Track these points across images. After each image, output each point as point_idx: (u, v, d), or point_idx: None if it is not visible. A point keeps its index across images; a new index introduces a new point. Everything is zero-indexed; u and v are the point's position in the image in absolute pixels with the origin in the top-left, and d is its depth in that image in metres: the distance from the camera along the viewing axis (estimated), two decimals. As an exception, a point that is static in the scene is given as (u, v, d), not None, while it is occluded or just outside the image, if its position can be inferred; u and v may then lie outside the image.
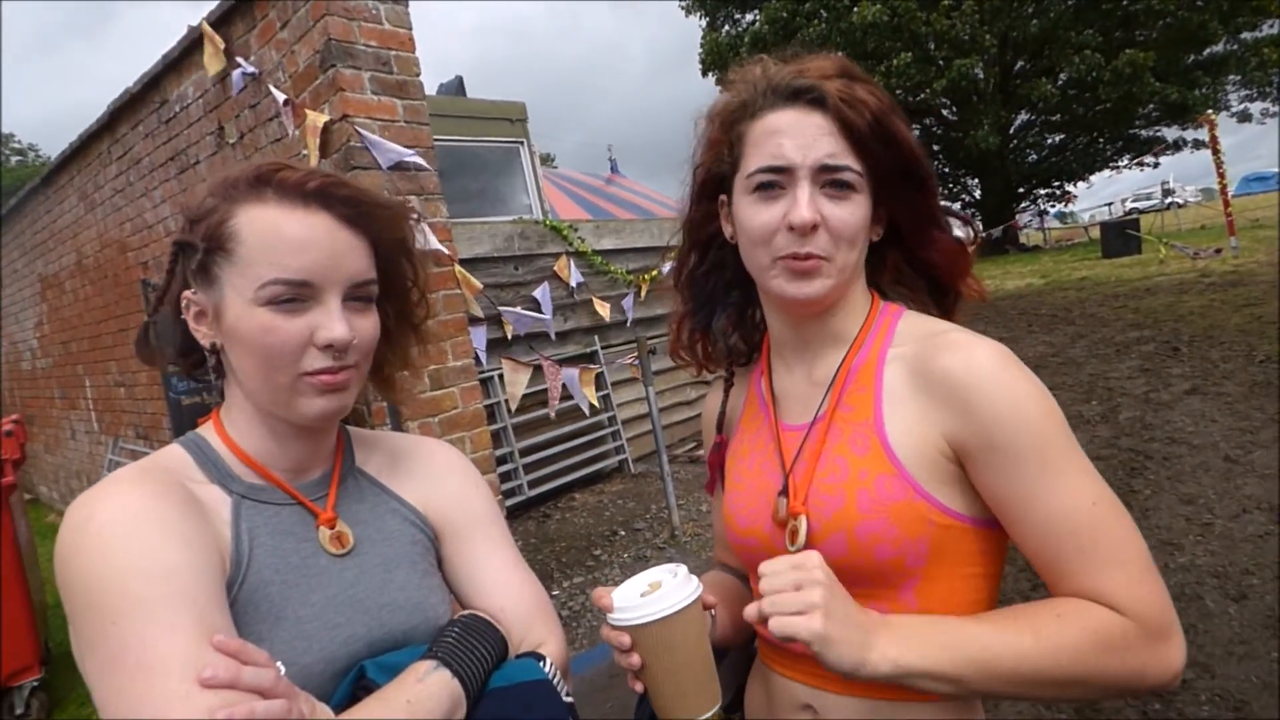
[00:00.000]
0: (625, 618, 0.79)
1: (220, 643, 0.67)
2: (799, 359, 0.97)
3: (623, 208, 10.20)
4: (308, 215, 0.80)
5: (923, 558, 0.83)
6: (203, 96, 3.94)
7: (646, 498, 5.93)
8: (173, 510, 0.75)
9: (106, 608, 0.67)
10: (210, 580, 0.73)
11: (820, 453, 0.89)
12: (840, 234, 0.85)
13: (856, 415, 0.88)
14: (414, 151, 3.24)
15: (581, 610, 4.02)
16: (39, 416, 8.42)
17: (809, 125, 0.85)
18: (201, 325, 0.84)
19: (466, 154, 7.27)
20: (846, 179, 0.85)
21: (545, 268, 6.27)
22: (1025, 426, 0.79)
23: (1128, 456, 4.69)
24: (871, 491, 0.83)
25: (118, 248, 5.34)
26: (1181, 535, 3.62)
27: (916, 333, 0.90)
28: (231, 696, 0.64)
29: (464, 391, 3.42)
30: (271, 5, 3.31)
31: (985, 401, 0.80)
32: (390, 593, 0.87)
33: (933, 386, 0.84)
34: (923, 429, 0.84)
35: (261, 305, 0.78)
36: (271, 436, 0.86)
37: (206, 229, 0.80)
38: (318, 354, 0.80)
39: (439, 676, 0.78)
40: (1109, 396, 5.98)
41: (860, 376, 0.91)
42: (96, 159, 5.38)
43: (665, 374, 7.41)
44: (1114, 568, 0.76)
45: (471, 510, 0.99)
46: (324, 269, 0.80)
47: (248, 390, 0.84)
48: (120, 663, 0.65)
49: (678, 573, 0.81)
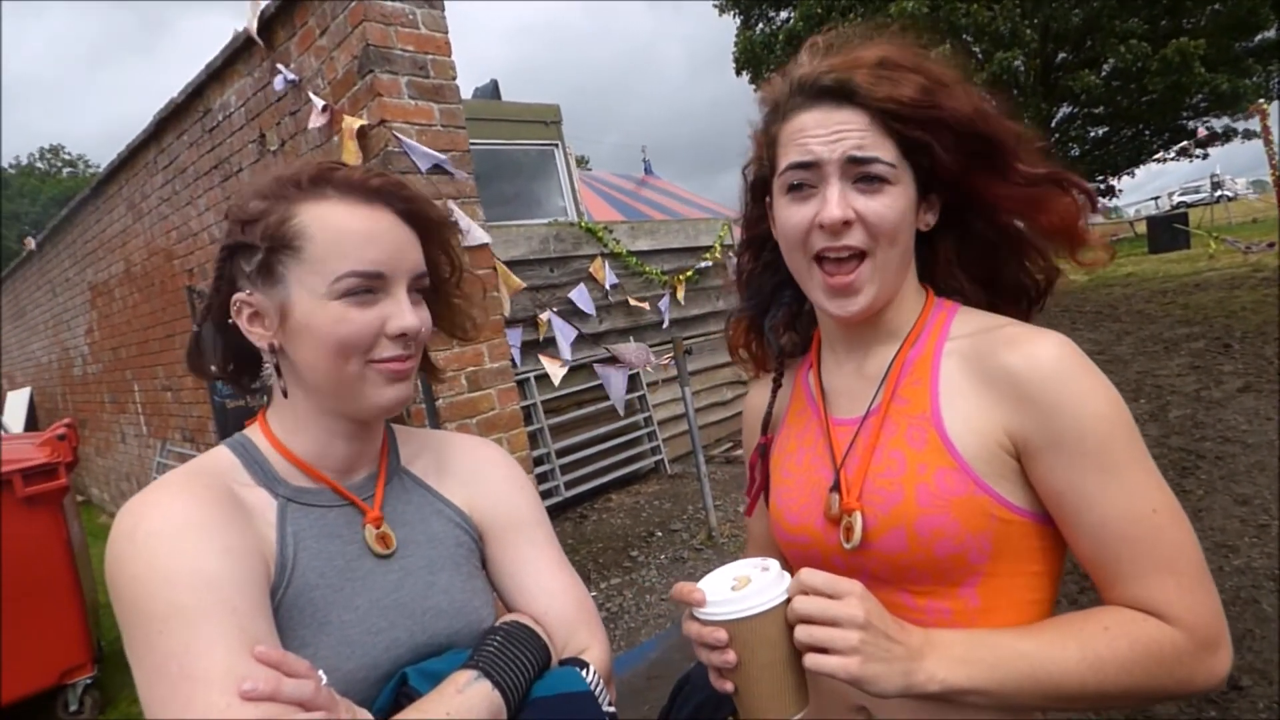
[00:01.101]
0: (722, 611, 0.75)
1: (261, 654, 0.67)
2: (850, 354, 0.95)
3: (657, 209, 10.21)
4: (371, 211, 0.83)
5: (985, 554, 0.80)
6: (244, 105, 4.02)
7: (683, 499, 5.91)
8: (218, 518, 0.76)
9: (153, 617, 0.68)
10: (253, 589, 0.74)
11: (874, 446, 0.87)
12: (878, 229, 0.83)
13: (912, 409, 0.86)
14: (449, 156, 3.27)
15: (619, 611, 4.02)
16: (90, 420, 8.67)
17: (835, 120, 0.83)
18: (256, 326, 0.84)
19: (502, 157, 7.33)
20: (878, 171, 0.83)
21: (581, 270, 6.29)
22: (1089, 423, 0.77)
23: (1179, 456, 4.56)
24: (932, 485, 0.81)
25: (164, 255, 5.48)
26: (1237, 537, 3.50)
27: (974, 327, 0.88)
28: (272, 709, 0.64)
29: (501, 393, 3.44)
30: (310, 13, 3.36)
31: (1050, 396, 0.78)
32: (434, 596, 0.87)
33: (995, 380, 0.81)
34: (983, 423, 0.81)
35: (336, 299, 0.80)
36: (322, 437, 0.87)
37: (265, 229, 0.81)
38: (389, 343, 0.82)
39: (479, 688, 0.77)
40: (1158, 394, 5.82)
41: (916, 370, 0.88)
42: (143, 169, 5.52)
43: (701, 374, 7.39)
44: (1167, 575, 0.75)
45: (516, 511, 0.99)
46: (392, 261, 0.83)
47: (312, 386, 0.84)
48: (164, 672, 0.66)
49: (769, 567, 0.78)
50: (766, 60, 19.53)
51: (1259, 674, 2.55)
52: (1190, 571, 0.75)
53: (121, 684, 3.97)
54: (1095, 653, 0.73)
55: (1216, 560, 3.33)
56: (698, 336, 7.46)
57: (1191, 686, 0.74)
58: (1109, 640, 0.74)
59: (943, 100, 0.82)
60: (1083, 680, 0.73)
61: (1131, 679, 0.73)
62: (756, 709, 0.75)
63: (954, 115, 0.83)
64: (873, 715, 0.88)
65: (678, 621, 3.73)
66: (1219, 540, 3.50)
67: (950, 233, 0.93)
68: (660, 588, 4.25)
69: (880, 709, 0.87)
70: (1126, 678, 0.73)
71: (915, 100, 0.81)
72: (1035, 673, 0.73)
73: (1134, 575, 0.75)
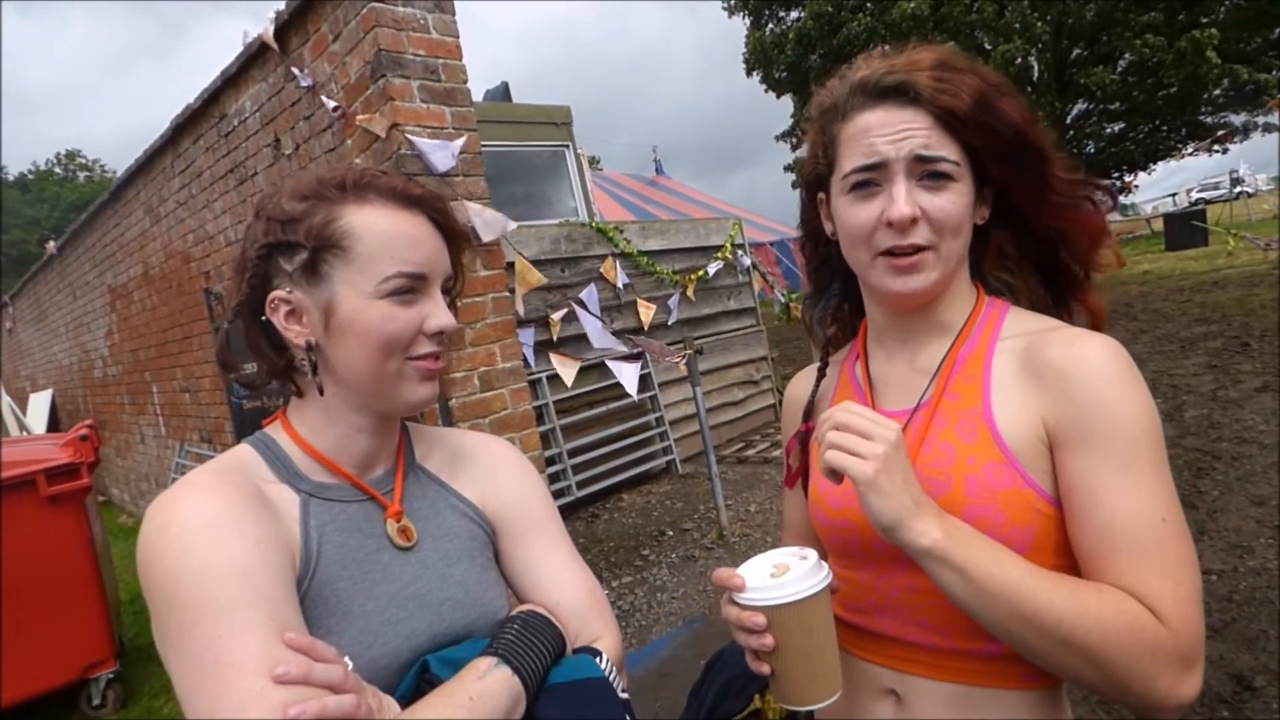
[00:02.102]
0: (761, 598, 0.78)
1: (292, 640, 0.70)
2: (901, 347, 0.97)
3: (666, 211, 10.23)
4: (412, 216, 0.88)
5: (1027, 547, 0.81)
6: (259, 110, 4.07)
7: (694, 498, 5.93)
8: (246, 511, 0.78)
9: (187, 608, 0.71)
10: (282, 578, 0.76)
11: (924, 438, 0.89)
12: (943, 225, 0.85)
13: (964, 403, 0.88)
14: (460, 159, 3.30)
15: (630, 610, 4.04)
16: (110, 422, 8.78)
17: (900, 120, 0.85)
18: (294, 324, 0.86)
19: (513, 158, 7.36)
20: (944, 169, 0.84)
21: (592, 270, 6.31)
22: (1123, 424, 0.78)
23: (1194, 456, 4.53)
24: (980, 477, 0.83)
25: (181, 259, 5.54)
26: (1252, 538, 3.47)
27: (1027, 327, 0.90)
28: (304, 692, 0.67)
29: (513, 393, 3.47)
30: (323, 18, 3.40)
31: (1090, 390, 0.79)
32: (450, 588, 0.90)
33: (1041, 373, 0.84)
34: (1026, 414, 0.83)
35: (382, 298, 0.84)
36: (345, 433, 0.90)
37: (310, 229, 0.84)
38: (426, 340, 0.87)
39: (500, 674, 0.80)
40: (1174, 394, 5.78)
41: (968, 365, 0.90)
42: (160, 173, 5.59)
43: (713, 374, 7.39)
44: (1166, 579, 0.75)
45: (529, 507, 1.01)
46: (432, 263, 0.88)
47: (349, 384, 0.87)
48: (200, 661, 0.69)
49: (808, 556, 0.81)
50: (777, 60, 19.48)
51: (1273, 674, 2.54)
52: (1188, 585, 0.75)
53: (143, 679, 4.04)
54: (1083, 602, 0.73)
55: (1231, 561, 3.31)
56: (709, 336, 7.47)
57: (1153, 689, 0.72)
58: (1100, 599, 0.74)
59: (997, 105, 0.85)
60: (1059, 618, 0.72)
61: (1104, 642, 0.72)
62: (791, 692, 0.78)
63: (1007, 120, 0.85)
64: (903, 699, 0.90)
65: (689, 620, 3.74)
66: (1234, 541, 3.48)
67: (1006, 224, 0.95)
68: (671, 586, 4.27)
69: (911, 693, 0.89)
70: (1099, 639, 0.72)
71: (973, 104, 0.83)
72: (1021, 587, 0.74)
73: (1133, 573, 0.75)
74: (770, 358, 8.35)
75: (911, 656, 0.89)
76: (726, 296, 7.84)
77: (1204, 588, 0.78)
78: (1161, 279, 10.71)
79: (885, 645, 0.92)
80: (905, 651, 0.90)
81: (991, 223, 0.94)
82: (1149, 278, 11.06)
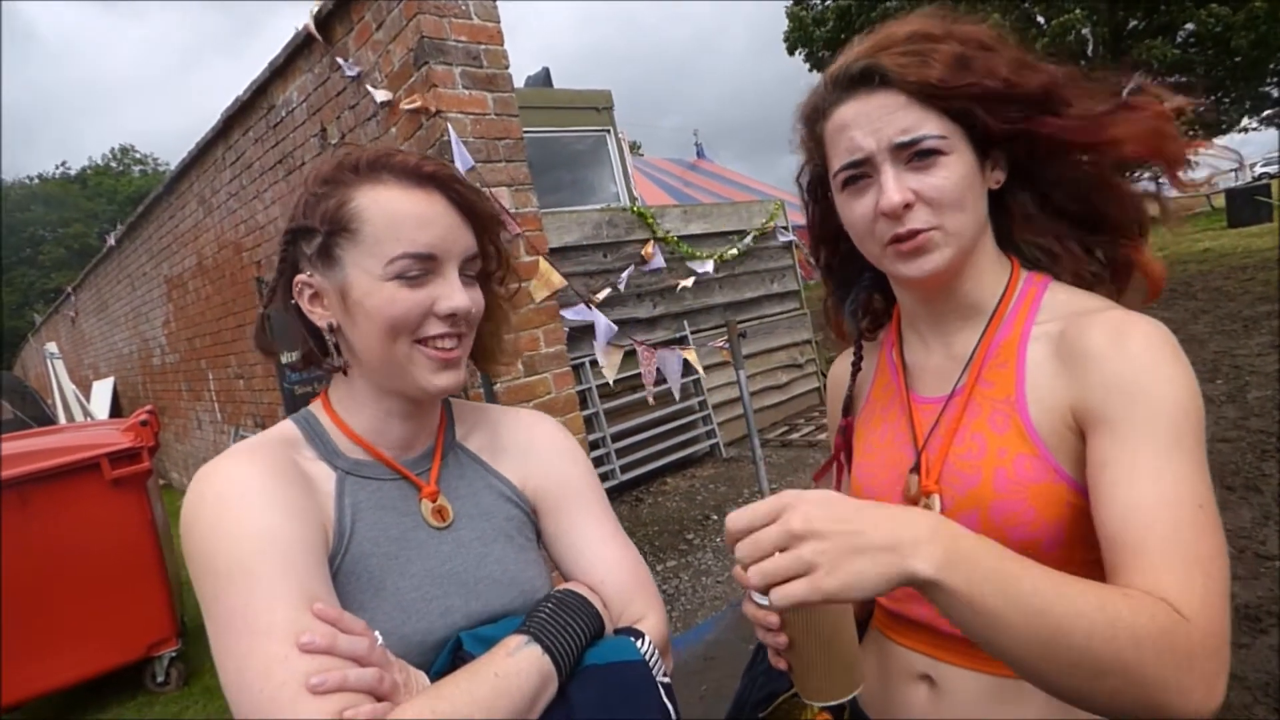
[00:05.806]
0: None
1: (320, 611, 0.71)
2: (935, 333, 0.95)
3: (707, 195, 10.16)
4: (425, 195, 0.86)
5: (1059, 542, 0.79)
6: (306, 100, 4.14)
7: (739, 482, 5.91)
8: (281, 483, 0.80)
9: (220, 573, 0.73)
10: (313, 550, 0.77)
11: (957, 429, 0.87)
12: (940, 202, 0.82)
13: (997, 392, 0.86)
14: (503, 144, 3.31)
15: (675, 594, 4.05)
16: (169, 408, 9.07)
17: (874, 108, 0.83)
18: (317, 306, 0.87)
19: (555, 144, 7.37)
20: (928, 146, 0.82)
21: (633, 254, 6.30)
22: (1166, 407, 0.73)
23: (1257, 439, 4.36)
24: (1010, 471, 0.81)
25: (233, 248, 5.68)
26: (1322, 523, 3.34)
27: (1066, 309, 0.85)
28: (328, 662, 0.68)
29: (556, 377, 3.49)
30: (367, 8, 3.44)
31: (1130, 371, 0.75)
32: (487, 567, 0.90)
33: (1075, 359, 0.80)
34: (1056, 401, 0.81)
35: (390, 280, 0.83)
36: (379, 414, 0.90)
37: (324, 213, 0.84)
38: (437, 322, 0.85)
39: (529, 652, 0.79)
40: (1237, 375, 5.58)
41: (1001, 352, 0.87)
42: (212, 165, 5.72)
43: (756, 357, 7.35)
44: (1197, 572, 0.67)
45: (570, 484, 1.01)
46: (444, 243, 0.85)
47: (367, 366, 0.88)
48: (230, 625, 0.70)
49: None
50: (817, 38, 19.13)
51: (1343, 663, 2.45)
52: (1219, 580, 0.68)
53: (205, 656, 4.17)
54: (1115, 610, 0.64)
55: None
56: (752, 320, 7.42)
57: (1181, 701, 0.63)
58: (1130, 606, 0.64)
59: (976, 63, 0.81)
60: (1091, 631, 0.62)
61: (1139, 654, 0.62)
62: (810, 689, 0.78)
63: (992, 75, 0.81)
64: (938, 685, 0.89)
65: (734, 603, 3.74)
66: (1301, 525, 3.35)
67: (1027, 184, 0.90)
68: (716, 570, 4.27)
69: (945, 680, 0.88)
70: (1134, 651, 0.62)
71: (948, 71, 0.80)
72: (1042, 600, 0.63)
73: (1163, 562, 0.68)
74: (815, 341, 8.26)
75: (946, 644, 0.88)
76: (770, 280, 7.77)
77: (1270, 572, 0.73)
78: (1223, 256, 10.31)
79: (920, 632, 0.91)
80: (940, 639, 0.89)
81: (1015, 187, 0.90)
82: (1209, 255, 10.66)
